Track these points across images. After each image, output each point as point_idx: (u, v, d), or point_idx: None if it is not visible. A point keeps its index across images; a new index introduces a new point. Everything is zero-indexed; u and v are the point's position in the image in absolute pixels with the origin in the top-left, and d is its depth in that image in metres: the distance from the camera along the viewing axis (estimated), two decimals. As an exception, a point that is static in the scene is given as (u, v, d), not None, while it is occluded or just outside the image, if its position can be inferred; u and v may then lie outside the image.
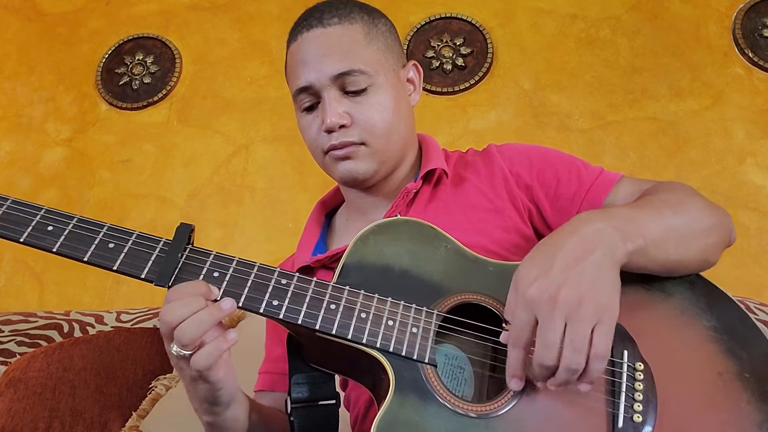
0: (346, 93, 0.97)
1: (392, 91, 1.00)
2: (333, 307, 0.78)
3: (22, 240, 0.79)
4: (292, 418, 0.85)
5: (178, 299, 0.74)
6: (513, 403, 0.76)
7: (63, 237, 0.79)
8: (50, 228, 0.79)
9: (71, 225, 0.80)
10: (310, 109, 1.00)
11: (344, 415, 0.99)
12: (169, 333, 0.74)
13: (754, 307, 1.46)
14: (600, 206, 0.96)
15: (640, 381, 0.77)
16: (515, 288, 0.73)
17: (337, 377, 0.89)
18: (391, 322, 0.79)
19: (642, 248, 0.78)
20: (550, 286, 0.70)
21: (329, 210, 1.17)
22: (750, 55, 2.02)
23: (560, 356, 0.69)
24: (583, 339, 0.69)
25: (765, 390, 0.79)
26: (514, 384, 0.75)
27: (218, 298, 0.77)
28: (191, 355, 0.74)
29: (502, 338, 0.77)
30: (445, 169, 1.03)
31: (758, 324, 0.84)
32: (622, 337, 0.80)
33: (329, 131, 0.97)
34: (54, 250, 0.78)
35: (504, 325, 0.77)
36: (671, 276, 0.86)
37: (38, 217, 0.80)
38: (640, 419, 0.75)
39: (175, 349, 0.74)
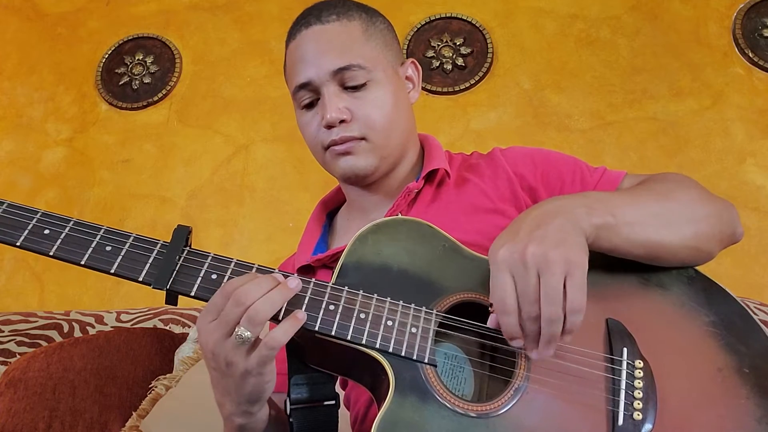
0: (346, 89, 0.98)
1: (391, 87, 1.01)
2: (332, 308, 0.78)
3: (18, 244, 0.78)
4: (291, 419, 0.84)
5: (245, 283, 0.73)
6: (513, 402, 0.76)
7: (60, 240, 0.78)
8: (47, 231, 0.79)
9: (68, 228, 0.79)
10: (309, 106, 1.00)
11: (344, 415, 0.99)
12: (237, 317, 0.72)
13: (755, 307, 1.46)
14: None
15: (639, 378, 0.77)
16: (493, 270, 0.75)
17: (338, 376, 0.89)
18: (390, 323, 0.78)
19: (611, 225, 0.80)
20: (517, 247, 0.73)
21: (330, 210, 1.17)
22: (750, 55, 2.02)
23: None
24: (556, 290, 0.71)
25: (764, 385, 0.79)
26: (516, 343, 0.76)
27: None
28: (252, 344, 0.73)
29: (490, 322, 0.77)
30: (447, 170, 1.03)
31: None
32: (622, 335, 0.80)
33: (329, 126, 0.97)
34: (51, 253, 0.78)
35: (490, 308, 0.77)
36: (663, 266, 0.86)
37: (34, 220, 0.79)
38: (640, 417, 0.75)
39: (241, 331, 0.71)
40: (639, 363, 0.78)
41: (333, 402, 0.85)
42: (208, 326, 0.74)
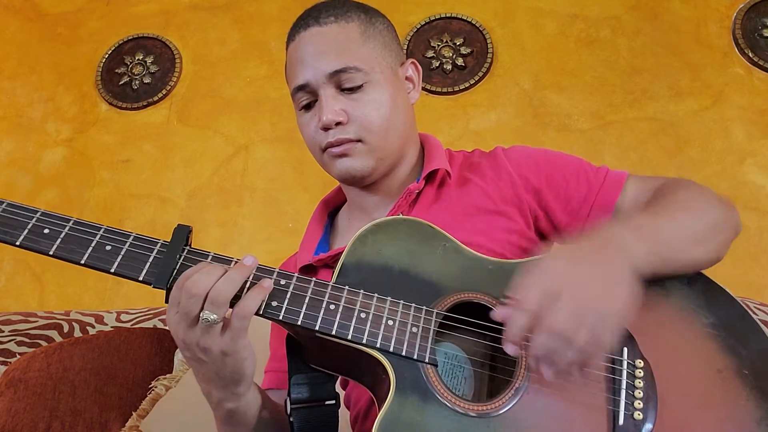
0: (343, 90, 0.98)
1: (389, 89, 1.01)
2: (332, 307, 0.78)
3: (18, 243, 0.78)
4: (291, 419, 0.85)
5: (194, 273, 0.75)
6: (514, 402, 0.76)
7: (59, 240, 0.78)
8: (46, 231, 0.79)
9: (67, 228, 0.79)
10: (308, 107, 1.01)
11: (344, 414, 0.99)
12: (196, 303, 0.73)
13: (754, 307, 1.46)
14: (611, 207, 0.97)
15: (640, 378, 0.78)
16: (538, 273, 0.74)
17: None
18: (390, 322, 0.78)
19: (664, 259, 0.82)
20: (568, 280, 0.72)
21: (332, 209, 1.17)
22: (750, 55, 2.02)
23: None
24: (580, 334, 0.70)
25: (764, 386, 0.79)
26: (510, 348, 0.75)
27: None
28: (221, 325, 0.74)
29: (498, 315, 0.76)
30: (448, 170, 1.03)
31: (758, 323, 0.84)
32: (622, 335, 0.80)
33: (326, 128, 0.98)
34: (51, 253, 0.78)
35: (503, 299, 0.77)
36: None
37: (34, 220, 0.79)
38: (641, 417, 0.75)
39: (206, 315, 0.73)
40: (639, 363, 0.79)
41: (333, 402, 0.86)
42: (173, 318, 0.76)
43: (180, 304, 0.74)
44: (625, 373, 0.78)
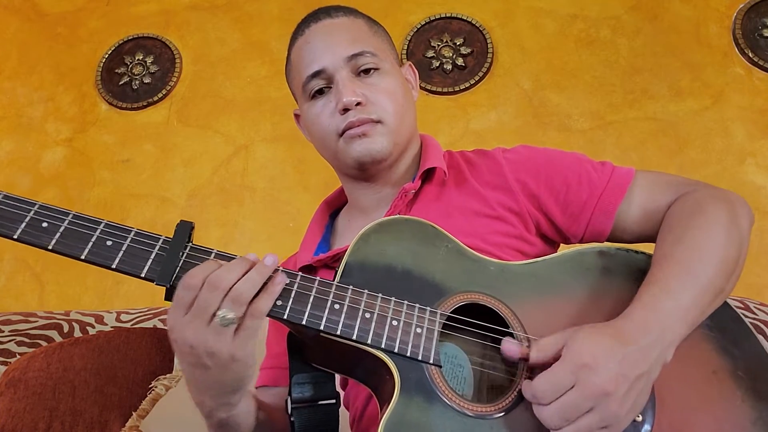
0: (358, 75, 1.01)
1: (399, 78, 1.05)
2: (337, 307, 0.78)
3: (15, 237, 0.75)
4: (292, 418, 0.84)
5: (213, 270, 0.73)
6: (517, 404, 0.76)
7: (59, 234, 0.75)
8: (45, 224, 0.75)
9: (67, 221, 0.76)
10: (320, 93, 1.02)
11: (343, 415, 0.99)
12: (217, 298, 0.72)
13: (754, 307, 1.46)
14: (613, 213, 0.96)
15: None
16: (575, 358, 0.72)
17: (337, 376, 0.89)
18: (395, 323, 0.78)
19: (702, 318, 0.82)
20: (602, 377, 0.70)
21: (333, 210, 1.17)
22: (750, 55, 2.02)
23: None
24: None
25: (758, 388, 0.80)
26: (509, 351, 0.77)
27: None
28: (235, 327, 0.73)
29: (508, 351, 0.77)
30: (445, 170, 1.03)
31: (758, 324, 0.84)
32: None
33: (345, 110, 0.98)
34: (50, 247, 0.75)
35: (516, 335, 0.77)
36: None
37: (32, 212, 0.76)
38: (640, 418, 0.75)
39: (224, 313, 0.71)
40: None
41: (334, 401, 0.85)
42: (181, 320, 0.73)
43: (198, 301, 0.72)
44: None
